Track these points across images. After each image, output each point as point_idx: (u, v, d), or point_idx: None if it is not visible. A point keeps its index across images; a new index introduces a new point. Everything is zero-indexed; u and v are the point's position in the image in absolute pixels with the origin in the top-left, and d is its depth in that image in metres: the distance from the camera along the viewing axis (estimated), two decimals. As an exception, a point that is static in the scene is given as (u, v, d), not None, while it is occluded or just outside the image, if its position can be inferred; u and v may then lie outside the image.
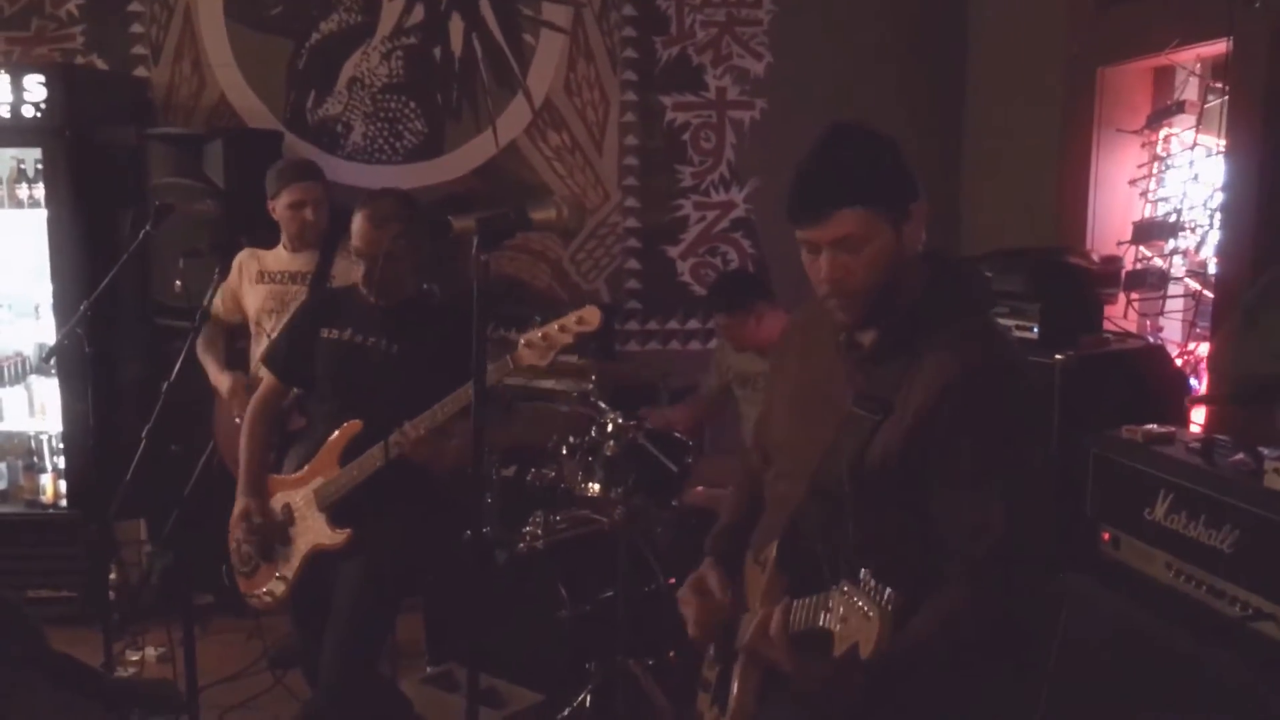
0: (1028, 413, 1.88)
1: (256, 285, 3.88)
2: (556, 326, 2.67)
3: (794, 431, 2.03)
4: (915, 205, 1.85)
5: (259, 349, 3.81)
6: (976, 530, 1.77)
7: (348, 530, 2.94)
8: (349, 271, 3.58)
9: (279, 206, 3.81)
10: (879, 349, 1.90)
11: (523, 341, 2.68)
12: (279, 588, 3.07)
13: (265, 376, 3.24)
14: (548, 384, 4.24)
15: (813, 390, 2.01)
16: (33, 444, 4.62)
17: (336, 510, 2.97)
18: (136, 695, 3.40)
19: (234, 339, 4.06)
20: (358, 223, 2.98)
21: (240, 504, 3.10)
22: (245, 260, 3.92)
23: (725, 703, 2.00)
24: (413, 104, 5.03)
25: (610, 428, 3.67)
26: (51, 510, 4.54)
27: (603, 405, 3.77)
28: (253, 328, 3.91)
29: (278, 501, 3.09)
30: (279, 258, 3.89)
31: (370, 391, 2.94)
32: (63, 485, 4.55)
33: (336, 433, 2.98)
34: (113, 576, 4.31)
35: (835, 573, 1.81)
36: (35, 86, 4.31)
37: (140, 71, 4.96)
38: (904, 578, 1.79)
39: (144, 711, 3.48)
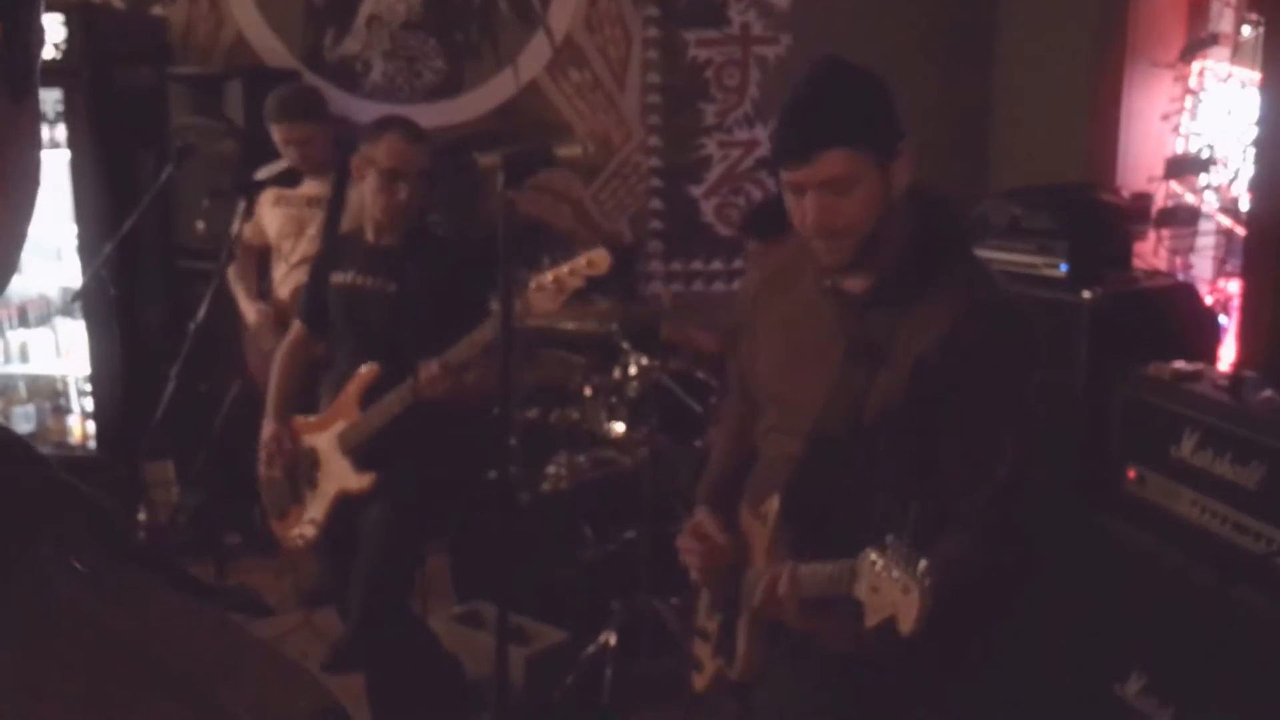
0: (1028, 350, 1.88)
1: (274, 208, 3.91)
2: (567, 269, 2.65)
3: (784, 383, 2.00)
4: (902, 145, 1.81)
5: (279, 273, 3.84)
6: (987, 470, 1.77)
7: (371, 474, 2.97)
8: (361, 199, 3.61)
9: (273, 136, 3.84)
10: (873, 295, 1.86)
11: (533, 285, 2.66)
12: (309, 530, 3.11)
13: (294, 325, 3.26)
14: (570, 326, 4.24)
15: (800, 339, 1.97)
16: (59, 386, 4.66)
17: (361, 455, 2.99)
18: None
19: (263, 273, 4.08)
20: (389, 142, 2.92)
21: (268, 428, 3.14)
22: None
23: (731, 655, 2.01)
24: (432, 41, 4.98)
25: (633, 369, 3.67)
26: (80, 452, 4.60)
27: (626, 346, 3.77)
28: (273, 253, 3.94)
29: (303, 444, 3.12)
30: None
31: (378, 333, 2.96)
32: (90, 427, 4.60)
33: (355, 377, 3.00)
34: (142, 517, 4.37)
35: (842, 528, 1.82)
36: (54, 26, 4.29)
37: (157, 10, 4.93)
38: (912, 522, 1.81)
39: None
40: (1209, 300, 3.28)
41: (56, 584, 0.54)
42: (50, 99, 4.47)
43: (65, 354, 4.67)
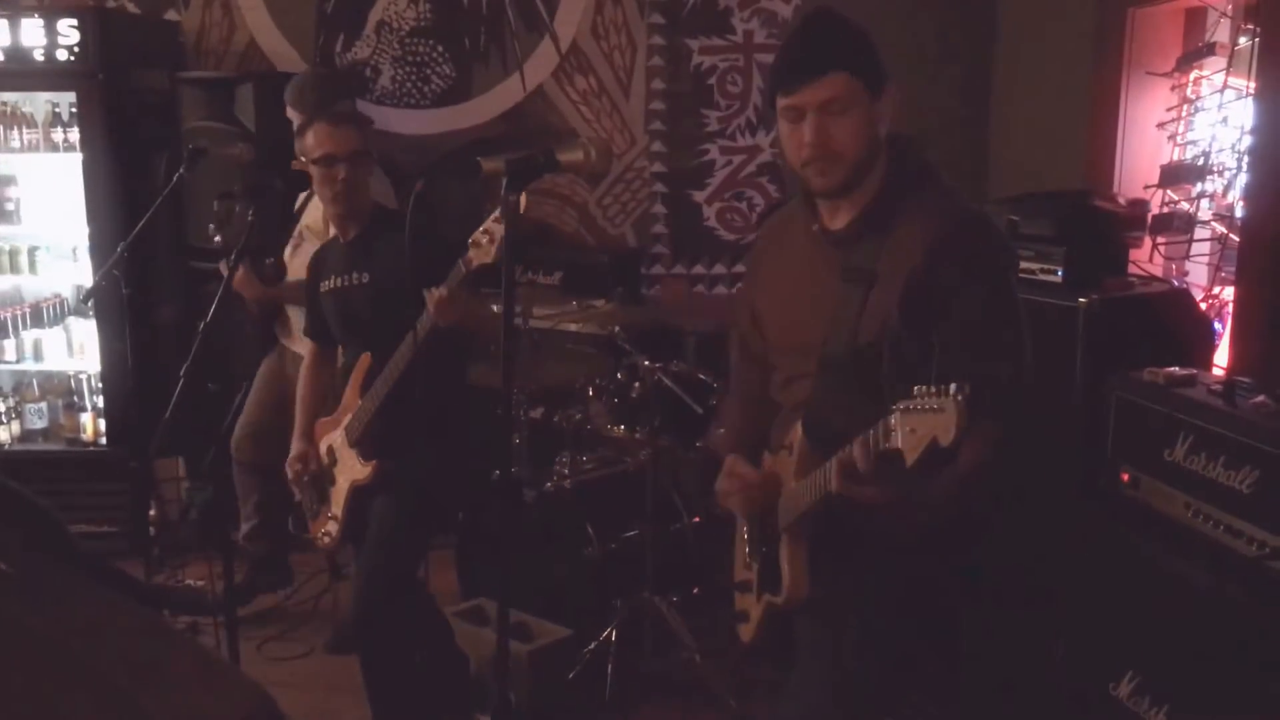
0: (1003, 251, 2.03)
1: None
2: (492, 219, 2.70)
3: (792, 329, 2.13)
4: (888, 86, 1.99)
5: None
6: (991, 370, 1.84)
7: (374, 462, 3.02)
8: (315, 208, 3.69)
9: None
10: (855, 226, 2.02)
11: (469, 243, 2.72)
12: (333, 527, 3.16)
13: (308, 345, 3.32)
14: (574, 327, 4.28)
15: (797, 283, 2.12)
16: (72, 383, 4.72)
17: (365, 445, 3.04)
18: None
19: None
20: (315, 131, 2.98)
21: (296, 448, 3.21)
22: None
23: (776, 585, 2.05)
24: (440, 48, 5.03)
25: (637, 370, 3.71)
26: (91, 448, 4.65)
27: (629, 348, 3.82)
28: None
29: (323, 445, 3.18)
30: None
31: (366, 324, 3.02)
32: (102, 424, 4.65)
33: (354, 370, 3.06)
34: (152, 512, 4.42)
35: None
36: (69, 30, 4.35)
37: (171, 15, 4.99)
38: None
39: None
40: (1204, 306, 3.31)
41: None
42: (64, 102, 4.54)
43: (78, 352, 4.73)
